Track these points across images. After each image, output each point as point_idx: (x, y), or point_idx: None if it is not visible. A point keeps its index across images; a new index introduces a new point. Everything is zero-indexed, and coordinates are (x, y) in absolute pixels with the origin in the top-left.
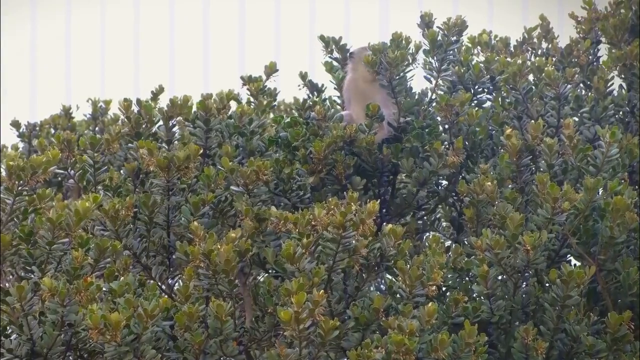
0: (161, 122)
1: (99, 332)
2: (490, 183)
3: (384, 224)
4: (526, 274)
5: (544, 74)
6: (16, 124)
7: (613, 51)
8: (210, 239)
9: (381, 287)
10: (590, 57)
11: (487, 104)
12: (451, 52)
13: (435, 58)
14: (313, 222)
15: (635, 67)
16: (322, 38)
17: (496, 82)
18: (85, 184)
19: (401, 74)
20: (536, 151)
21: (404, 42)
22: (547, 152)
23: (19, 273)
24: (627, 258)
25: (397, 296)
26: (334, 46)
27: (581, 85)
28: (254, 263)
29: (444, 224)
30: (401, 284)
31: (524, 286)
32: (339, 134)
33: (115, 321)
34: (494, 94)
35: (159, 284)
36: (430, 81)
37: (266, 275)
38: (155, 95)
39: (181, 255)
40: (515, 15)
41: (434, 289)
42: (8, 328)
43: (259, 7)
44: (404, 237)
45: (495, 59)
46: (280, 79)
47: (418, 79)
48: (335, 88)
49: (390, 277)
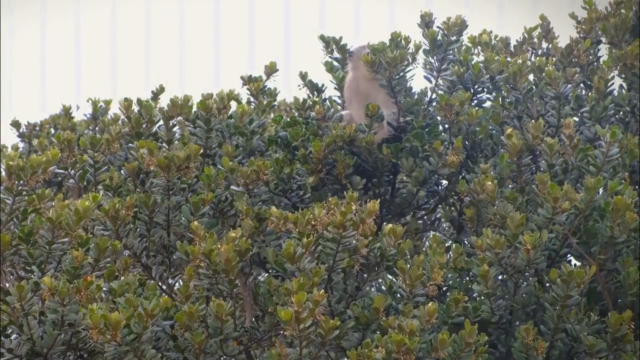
0: (161, 122)
1: (99, 331)
2: (490, 183)
3: (384, 223)
4: (526, 273)
5: (544, 74)
6: (16, 124)
7: (613, 51)
8: (211, 238)
9: (381, 287)
10: (591, 57)
11: (487, 104)
12: (451, 51)
13: (435, 58)
14: (313, 222)
15: (635, 67)
16: (322, 38)
17: (496, 82)
18: (85, 183)
19: (401, 74)
20: (536, 151)
21: (403, 42)
22: (547, 151)
23: (19, 273)
24: (628, 258)
25: (398, 296)
26: (334, 46)
27: (581, 85)
28: (254, 263)
29: (444, 223)
30: (401, 284)
31: (524, 286)
32: (338, 133)
33: (115, 321)
34: (494, 94)
35: (159, 284)
36: (430, 81)
37: (266, 275)
38: (156, 95)
39: (181, 254)
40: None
41: (434, 288)
42: (8, 328)
43: (268, 6)
44: (404, 237)
45: (495, 58)
46: (289, 78)
47: (418, 78)
48: (335, 88)
49: (390, 277)
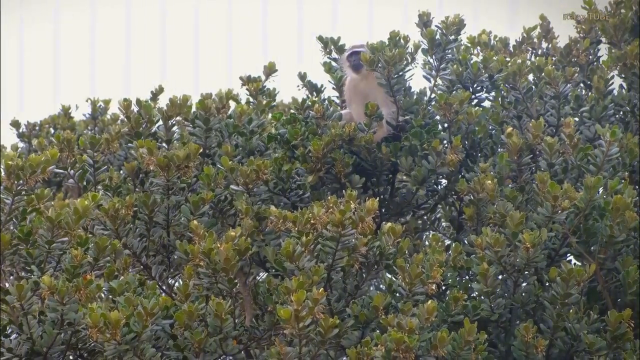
0: (161, 122)
1: (99, 330)
2: (490, 182)
3: (383, 222)
4: (526, 272)
5: (543, 74)
6: (16, 124)
7: (613, 51)
8: (210, 237)
9: (381, 285)
10: (590, 57)
11: (487, 103)
12: (450, 51)
13: (434, 57)
14: (312, 221)
15: (635, 67)
16: (320, 39)
17: (495, 81)
18: (84, 183)
19: (399, 73)
20: (536, 150)
21: (402, 41)
22: (547, 151)
23: (19, 272)
24: (627, 257)
25: (397, 294)
26: (332, 46)
27: (581, 85)
28: (254, 262)
29: (443, 222)
30: (401, 282)
31: (523, 284)
32: (337, 132)
33: (115, 320)
34: (493, 93)
35: (159, 283)
36: (429, 80)
37: (266, 274)
38: (155, 95)
39: (181, 254)
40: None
41: (433, 287)
42: (8, 327)
43: (247, 8)
44: (403, 236)
45: (493, 57)
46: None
47: (417, 78)
48: (334, 88)
49: (389, 276)
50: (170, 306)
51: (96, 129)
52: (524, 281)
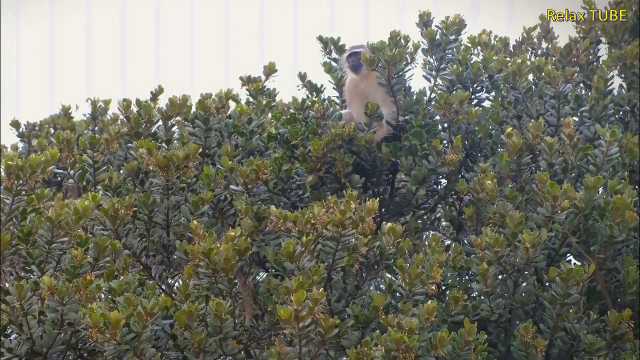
0: (160, 122)
1: (99, 330)
2: (490, 181)
3: (383, 222)
4: (526, 272)
5: (543, 73)
6: (16, 124)
7: (613, 51)
8: (210, 238)
9: (381, 285)
10: (590, 57)
11: (487, 103)
12: (450, 51)
13: (434, 57)
14: (312, 221)
15: (635, 67)
16: (320, 39)
17: (495, 81)
18: (84, 183)
19: (399, 73)
20: (536, 150)
21: (402, 41)
22: (547, 151)
23: (19, 272)
24: (627, 257)
25: (397, 294)
26: (332, 46)
27: (581, 85)
28: (254, 262)
29: (443, 222)
30: (401, 282)
31: (523, 284)
32: (337, 132)
33: (115, 320)
34: (493, 93)
35: (159, 283)
36: (429, 80)
37: (266, 274)
38: (155, 95)
39: (181, 254)
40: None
41: (433, 287)
42: (8, 327)
43: (243, 8)
44: (403, 236)
45: (493, 57)
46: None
47: (417, 78)
48: (334, 88)
49: (389, 276)
50: (170, 306)
51: (96, 129)
52: (524, 281)
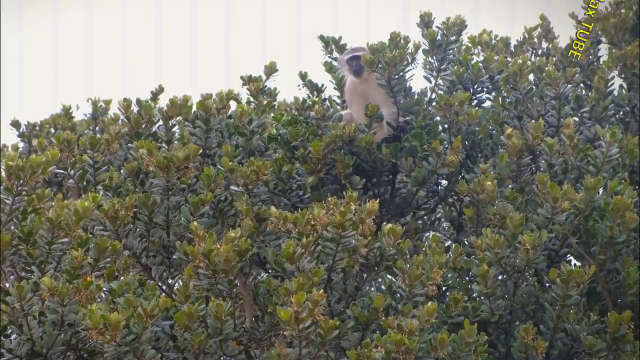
0: (161, 122)
1: (99, 331)
2: (490, 182)
3: (384, 223)
4: (526, 273)
5: (544, 74)
6: (16, 124)
7: (613, 51)
8: (210, 238)
9: (381, 287)
10: (591, 57)
11: (487, 104)
12: (450, 51)
13: (434, 58)
14: (313, 222)
15: (635, 67)
16: (321, 38)
17: (495, 82)
18: (85, 184)
19: (400, 74)
20: (536, 151)
21: (402, 42)
22: (547, 151)
23: (19, 273)
24: (627, 258)
25: (397, 296)
26: (333, 46)
27: (581, 85)
28: (254, 263)
29: (444, 223)
30: (401, 284)
31: (523, 286)
32: (338, 133)
33: (115, 321)
34: (493, 94)
35: (159, 284)
36: (429, 81)
37: (266, 275)
38: (155, 96)
39: (181, 255)
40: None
41: (433, 288)
42: (8, 328)
43: (245, 7)
44: (403, 237)
45: (494, 58)
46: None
47: (418, 79)
48: (335, 88)
49: (389, 277)
50: (170, 307)
51: (97, 129)
52: (524, 282)
